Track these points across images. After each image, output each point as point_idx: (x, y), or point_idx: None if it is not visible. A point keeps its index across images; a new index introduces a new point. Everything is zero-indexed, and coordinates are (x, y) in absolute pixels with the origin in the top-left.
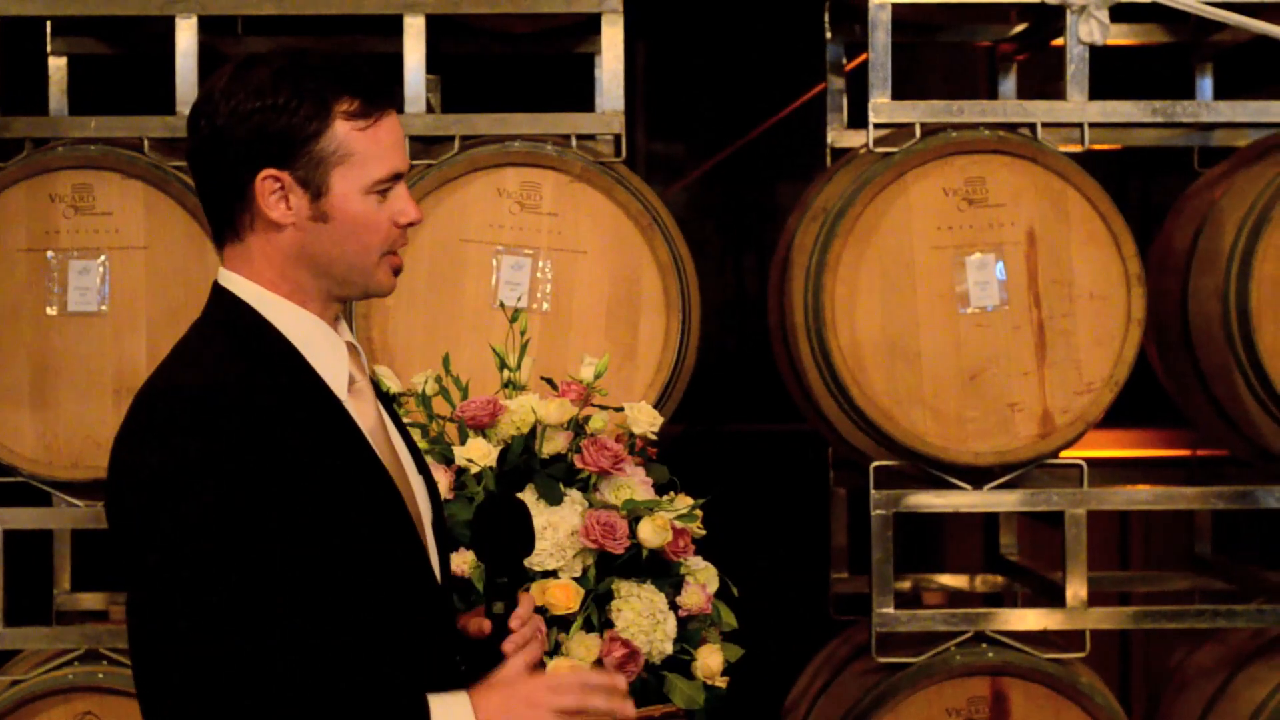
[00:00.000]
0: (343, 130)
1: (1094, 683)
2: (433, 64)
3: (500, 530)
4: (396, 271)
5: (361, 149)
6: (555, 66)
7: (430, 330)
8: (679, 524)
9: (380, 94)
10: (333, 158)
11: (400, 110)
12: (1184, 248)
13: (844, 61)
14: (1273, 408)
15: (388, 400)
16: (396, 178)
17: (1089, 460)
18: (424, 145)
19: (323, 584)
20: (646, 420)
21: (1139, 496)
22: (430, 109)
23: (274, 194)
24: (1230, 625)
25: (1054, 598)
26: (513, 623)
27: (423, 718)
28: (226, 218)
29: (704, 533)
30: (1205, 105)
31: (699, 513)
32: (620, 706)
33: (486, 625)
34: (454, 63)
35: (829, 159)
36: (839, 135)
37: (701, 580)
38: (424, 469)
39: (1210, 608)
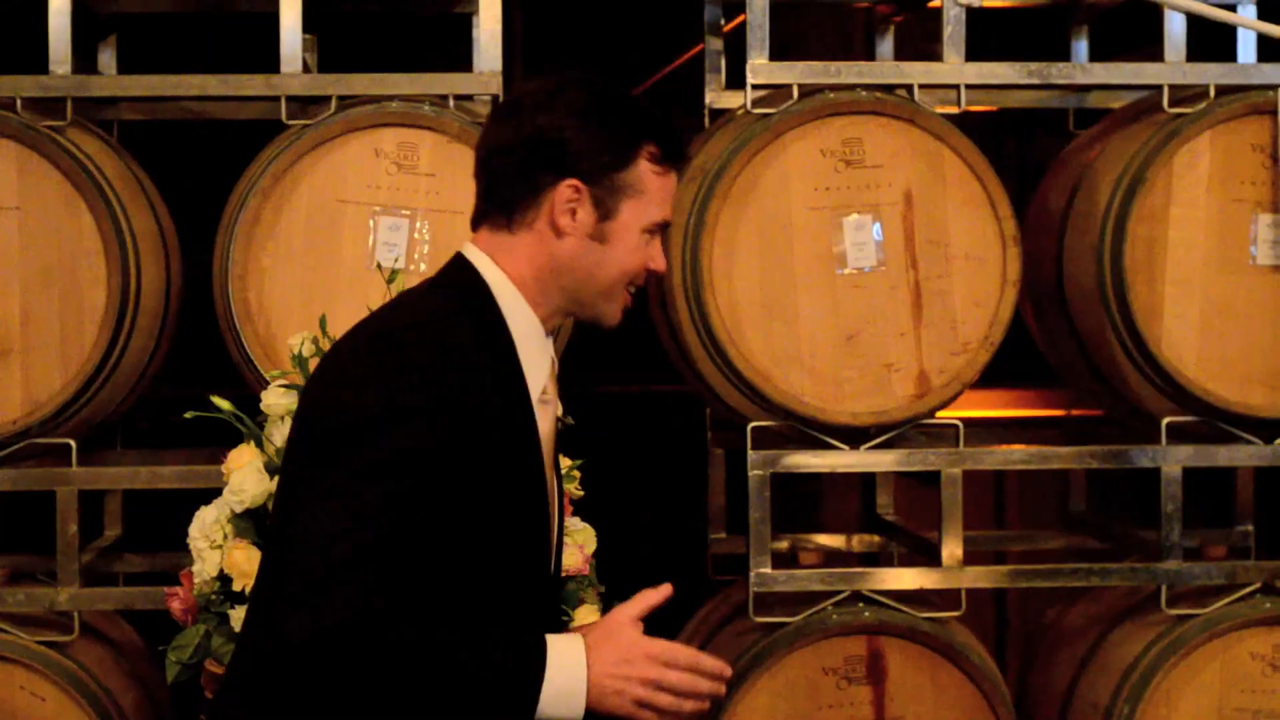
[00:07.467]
0: (644, 168)
1: (969, 641)
2: (309, 23)
3: None
4: (626, 309)
5: (652, 190)
6: (433, 27)
7: (307, 291)
8: None
9: (680, 150)
10: (629, 190)
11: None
12: (1059, 209)
13: (722, 22)
14: (1146, 368)
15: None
16: (665, 226)
17: (965, 420)
18: (301, 105)
19: (470, 550)
20: None
21: (1014, 456)
22: (307, 69)
23: (569, 202)
24: (1104, 584)
25: (930, 557)
26: None
27: (539, 649)
28: (508, 208)
29: (582, 494)
30: (1080, 67)
31: (577, 474)
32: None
33: None
34: (331, 22)
35: (707, 120)
36: (717, 96)
37: (579, 541)
38: (559, 478)
39: (1084, 566)
